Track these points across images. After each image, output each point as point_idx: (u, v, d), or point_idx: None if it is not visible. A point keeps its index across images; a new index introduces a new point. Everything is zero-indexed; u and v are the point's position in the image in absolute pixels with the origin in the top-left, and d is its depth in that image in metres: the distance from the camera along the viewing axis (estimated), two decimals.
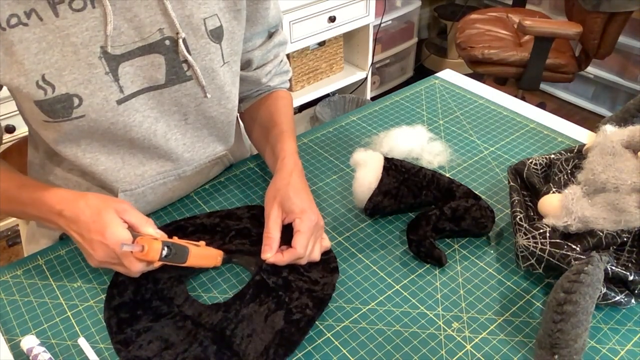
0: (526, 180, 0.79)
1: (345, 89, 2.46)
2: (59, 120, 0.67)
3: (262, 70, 0.89)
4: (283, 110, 0.89)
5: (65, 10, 0.62)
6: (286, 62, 0.95)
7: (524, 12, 2.39)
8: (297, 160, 0.79)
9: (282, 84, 0.95)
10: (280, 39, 0.90)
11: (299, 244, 0.68)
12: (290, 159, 0.78)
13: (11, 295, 0.71)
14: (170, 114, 0.75)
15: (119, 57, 0.67)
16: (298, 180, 0.75)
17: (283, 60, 0.93)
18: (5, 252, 1.86)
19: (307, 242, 0.69)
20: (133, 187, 0.78)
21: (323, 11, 2.05)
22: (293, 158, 0.78)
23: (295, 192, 0.73)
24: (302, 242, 0.68)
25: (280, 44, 0.90)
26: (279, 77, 0.93)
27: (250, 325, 0.64)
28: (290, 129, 0.85)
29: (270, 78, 0.91)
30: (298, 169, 0.77)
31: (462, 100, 1.09)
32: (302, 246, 0.68)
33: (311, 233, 0.69)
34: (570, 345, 0.56)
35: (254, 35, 0.84)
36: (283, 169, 0.76)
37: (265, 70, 0.89)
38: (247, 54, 0.85)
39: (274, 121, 0.86)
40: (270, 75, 0.91)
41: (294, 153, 0.80)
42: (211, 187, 0.89)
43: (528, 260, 0.68)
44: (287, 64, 0.95)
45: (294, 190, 0.73)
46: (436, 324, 0.66)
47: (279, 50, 0.91)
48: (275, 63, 0.91)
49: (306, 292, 0.67)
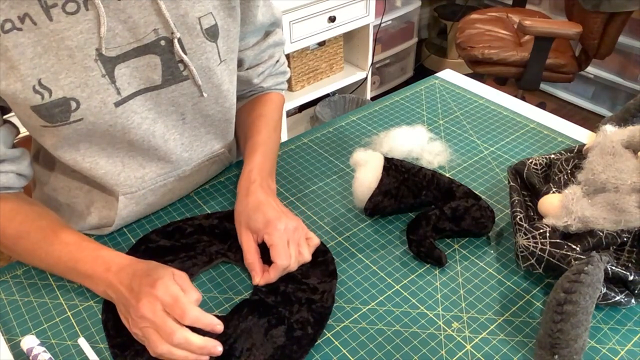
0: (526, 180, 0.79)
1: (345, 89, 2.46)
2: (57, 125, 0.67)
3: (254, 70, 0.89)
4: (268, 116, 0.88)
5: (58, 13, 0.62)
6: (283, 62, 0.94)
7: (524, 12, 2.39)
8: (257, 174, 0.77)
9: (278, 85, 0.94)
10: (276, 39, 0.89)
11: (277, 257, 0.68)
12: (246, 177, 0.77)
13: (11, 295, 0.71)
14: (168, 114, 0.75)
15: (115, 59, 0.67)
16: (256, 196, 0.74)
17: (279, 61, 0.93)
18: None
19: (284, 251, 0.69)
20: (134, 190, 0.78)
21: (323, 11, 2.05)
22: (252, 174, 0.78)
23: (254, 209, 0.72)
24: (279, 253, 0.68)
25: (276, 45, 0.90)
26: (274, 78, 0.93)
27: (249, 340, 0.63)
28: (263, 140, 0.84)
29: (263, 79, 0.91)
30: (256, 184, 0.76)
31: (462, 100, 1.09)
32: (281, 257, 0.68)
33: (285, 240, 0.69)
34: (570, 345, 0.56)
35: (247, 34, 0.83)
36: (240, 190, 0.77)
37: (257, 71, 0.89)
38: (238, 54, 0.85)
39: (252, 131, 0.86)
40: (263, 76, 0.90)
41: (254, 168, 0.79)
42: (211, 187, 0.89)
43: (528, 260, 0.68)
44: (284, 64, 0.94)
45: (253, 208, 0.72)
46: (436, 324, 0.66)
47: (274, 50, 0.90)
48: (270, 64, 0.90)
49: (306, 304, 0.67)
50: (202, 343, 0.59)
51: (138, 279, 0.63)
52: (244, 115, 0.91)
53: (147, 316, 0.59)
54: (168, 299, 0.59)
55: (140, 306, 0.60)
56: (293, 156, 0.95)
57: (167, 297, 0.60)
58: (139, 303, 0.60)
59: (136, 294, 0.61)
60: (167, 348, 0.58)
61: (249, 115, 0.90)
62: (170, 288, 0.60)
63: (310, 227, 0.79)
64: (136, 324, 0.60)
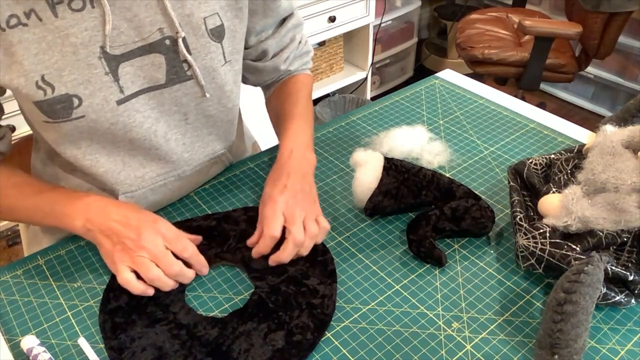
0: (526, 180, 0.79)
1: (345, 89, 2.46)
2: (59, 121, 0.67)
3: (279, 57, 0.89)
4: (299, 93, 0.90)
5: (64, 10, 0.62)
6: (306, 42, 0.94)
7: (524, 12, 2.39)
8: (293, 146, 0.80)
9: (303, 66, 0.94)
10: (294, 22, 0.88)
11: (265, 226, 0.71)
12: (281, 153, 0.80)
13: (11, 295, 0.71)
14: (171, 114, 0.75)
15: (119, 57, 0.67)
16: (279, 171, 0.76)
17: (301, 41, 0.92)
18: (5, 252, 1.86)
19: (273, 222, 0.71)
20: (133, 189, 0.78)
21: (323, 11, 2.05)
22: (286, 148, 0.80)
23: (270, 184, 0.75)
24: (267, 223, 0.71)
25: (295, 27, 0.89)
26: (299, 59, 0.93)
27: (248, 341, 0.63)
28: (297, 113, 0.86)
29: (289, 63, 0.91)
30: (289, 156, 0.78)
31: (462, 100, 1.09)
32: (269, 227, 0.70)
33: (278, 213, 0.71)
34: (570, 345, 0.56)
35: (267, 26, 0.84)
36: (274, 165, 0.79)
37: (282, 57, 0.89)
38: (261, 44, 0.85)
39: (284, 109, 0.88)
40: (289, 60, 0.91)
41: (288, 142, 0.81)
42: (211, 187, 0.89)
43: (528, 260, 0.68)
44: (307, 44, 0.94)
45: (270, 183, 0.76)
46: (436, 324, 0.66)
47: (295, 32, 0.90)
48: (293, 47, 0.90)
49: (306, 309, 0.66)
50: (192, 274, 0.70)
51: (134, 215, 0.68)
52: (275, 101, 0.92)
53: (148, 247, 0.66)
54: (171, 235, 0.68)
55: (142, 238, 0.66)
56: None
57: (170, 233, 0.68)
58: (140, 236, 0.66)
59: (135, 227, 0.67)
60: (158, 272, 0.66)
61: (279, 98, 0.91)
62: (171, 226, 0.70)
63: None
64: (130, 253, 0.66)
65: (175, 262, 0.67)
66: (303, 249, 0.71)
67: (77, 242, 0.78)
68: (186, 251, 0.68)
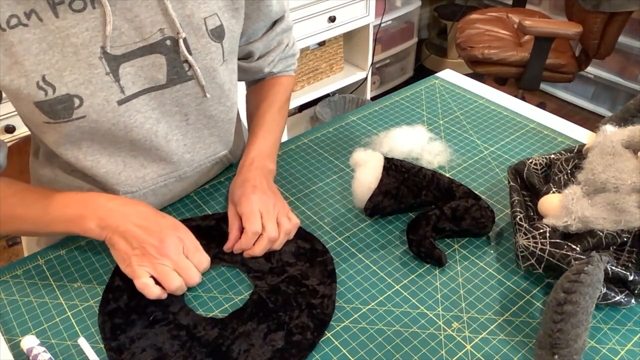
0: (526, 180, 0.79)
1: (345, 89, 2.46)
2: (60, 121, 0.67)
3: (264, 60, 0.90)
4: (272, 98, 0.91)
5: (65, 10, 0.62)
6: (293, 45, 0.95)
7: (524, 12, 2.39)
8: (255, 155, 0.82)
9: (287, 68, 0.95)
10: (284, 26, 0.89)
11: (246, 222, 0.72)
12: (244, 158, 0.82)
13: (11, 295, 0.71)
14: (172, 115, 0.75)
15: (120, 57, 0.67)
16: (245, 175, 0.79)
17: (289, 44, 0.93)
18: (5, 252, 1.86)
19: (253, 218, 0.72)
20: (134, 189, 0.78)
21: (323, 11, 2.05)
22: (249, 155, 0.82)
23: (239, 185, 0.77)
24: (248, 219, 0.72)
25: (284, 31, 0.90)
26: (284, 62, 0.94)
27: (247, 341, 0.63)
28: (265, 122, 0.88)
29: (273, 65, 0.92)
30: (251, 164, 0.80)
31: (462, 100, 1.09)
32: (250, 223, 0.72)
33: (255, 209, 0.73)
34: (570, 345, 0.56)
35: (257, 29, 0.84)
36: (237, 170, 0.82)
37: (267, 60, 0.90)
38: (248, 46, 0.86)
39: (256, 114, 0.90)
40: (274, 63, 0.92)
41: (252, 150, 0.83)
42: (211, 187, 0.89)
43: (528, 260, 0.68)
44: (294, 46, 0.95)
45: (239, 185, 0.78)
46: (436, 324, 0.66)
47: (283, 37, 0.91)
48: (279, 50, 0.91)
49: (306, 310, 0.66)
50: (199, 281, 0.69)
51: (154, 218, 0.68)
52: (252, 99, 0.94)
53: (171, 255, 0.66)
54: (190, 246, 0.68)
55: (165, 246, 0.66)
56: (293, 156, 0.95)
57: (190, 243, 0.68)
58: (163, 243, 0.66)
59: (157, 233, 0.66)
60: (180, 283, 0.66)
61: (256, 99, 0.93)
62: (190, 235, 0.69)
63: (310, 227, 0.80)
64: (151, 260, 0.65)
65: (197, 274, 0.67)
66: (277, 244, 0.74)
67: (77, 242, 0.78)
68: (201, 265, 0.69)
